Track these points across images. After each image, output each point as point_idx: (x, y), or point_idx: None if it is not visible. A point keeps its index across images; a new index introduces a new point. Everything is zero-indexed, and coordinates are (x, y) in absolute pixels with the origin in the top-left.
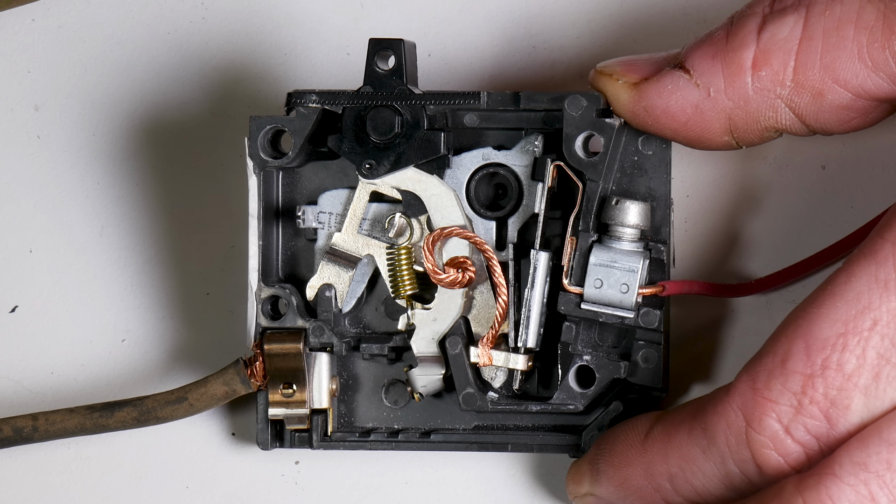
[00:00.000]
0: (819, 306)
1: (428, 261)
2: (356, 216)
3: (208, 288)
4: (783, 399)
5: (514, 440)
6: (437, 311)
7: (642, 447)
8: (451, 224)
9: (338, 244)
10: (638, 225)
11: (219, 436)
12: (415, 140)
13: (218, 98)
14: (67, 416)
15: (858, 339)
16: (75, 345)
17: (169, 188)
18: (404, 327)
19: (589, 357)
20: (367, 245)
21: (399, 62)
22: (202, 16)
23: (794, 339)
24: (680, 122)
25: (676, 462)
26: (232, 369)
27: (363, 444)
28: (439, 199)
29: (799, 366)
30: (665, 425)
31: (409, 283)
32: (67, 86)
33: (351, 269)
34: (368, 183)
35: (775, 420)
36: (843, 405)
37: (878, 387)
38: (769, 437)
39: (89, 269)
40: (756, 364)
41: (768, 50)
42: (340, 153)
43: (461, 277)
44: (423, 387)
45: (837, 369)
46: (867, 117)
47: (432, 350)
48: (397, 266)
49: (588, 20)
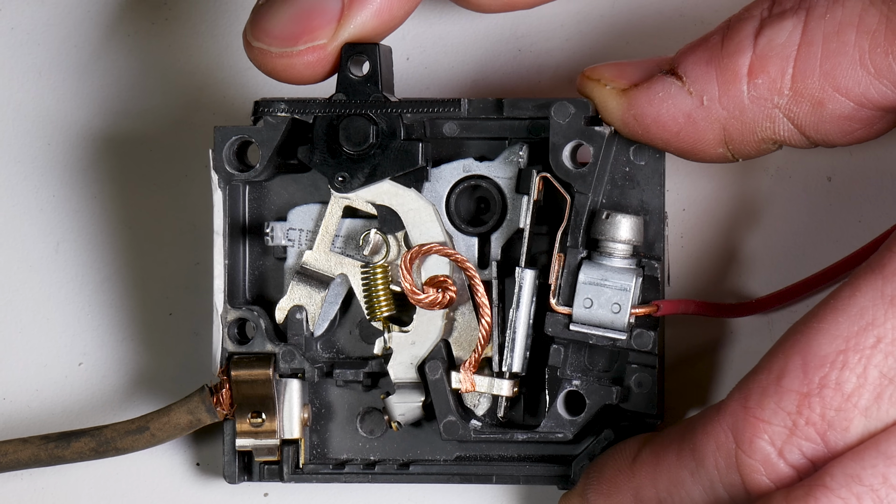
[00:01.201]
0: (820, 321)
1: (406, 280)
2: (328, 233)
3: (171, 308)
4: (777, 419)
5: (498, 471)
6: (415, 333)
7: (630, 472)
8: (430, 241)
9: (309, 263)
10: (630, 240)
11: (182, 467)
12: (391, 151)
13: (181, 105)
14: (21, 446)
15: (860, 357)
16: (28, 368)
17: (129, 201)
18: (381, 351)
19: (578, 382)
20: (341, 264)
21: (374, 68)
22: (165, 17)
23: (791, 355)
24: (671, 132)
25: (665, 487)
26: (197, 397)
27: (337, 476)
28: (417, 214)
29: (795, 384)
30: (653, 447)
31: (386, 303)
32: (20, 92)
33: (323, 290)
34: (341, 197)
35: (767, 442)
36: (841, 427)
37: (880, 408)
38: (760, 460)
39: (44, 288)
40: (749, 381)
41: (765, 56)
42: (311, 165)
43: (441, 298)
44: (402, 415)
45: (836, 388)
46: (871, 128)
47: (411, 376)
48: (373, 286)
49: (577, 21)
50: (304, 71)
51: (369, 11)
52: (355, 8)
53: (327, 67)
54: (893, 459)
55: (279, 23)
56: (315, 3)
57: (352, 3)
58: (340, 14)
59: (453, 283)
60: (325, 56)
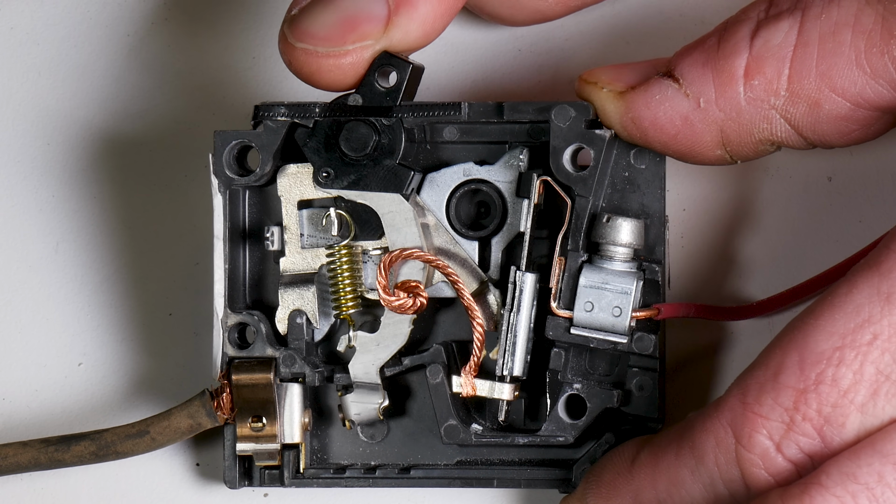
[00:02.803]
0: (816, 318)
1: (380, 279)
2: (293, 232)
3: (171, 308)
4: (774, 415)
5: (499, 475)
6: (381, 336)
7: (629, 474)
8: (406, 243)
9: (287, 269)
10: (630, 244)
11: (182, 471)
12: (382, 168)
13: (181, 105)
14: (20, 449)
15: (856, 354)
16: (28, 369)
17: (128, 201)
18: (343, 349)
19: (579, 385)
20: (316, 256)
21: (400, 83)
22: (164, 17)
23: (788, 351)
24: (669, 134)
25: (665, 487)
26: (197, 401)
27: (338, 480)
28: (394, 217)
29: (791, 380)
30: (652, 449)
31: (352, 293)
32: (20, 92)
33: (311, 286)
34: (286, 195)
35: (766, 437)
36: (837, 422)
37: (876, 404)
38: (759, 454)
39: (43, 288)
40: (747, 377)
41: (761, 57)
42: (303, 148)
43: (411, 303)
44: (357, 414)
45: (832, 384)
46: (869, 129)
47: (371, 377)
48: (339, 271)
49: (577, 22)
50: (349, 71)
51: (415, 20)
52: (402, 14)
53: (362, 73)
54: (889, 458)
55: (325, 24)
56: (362, 6)
57: (398, 8)
58: (388, 18)
59: (423, 290)
60: (367, 59)
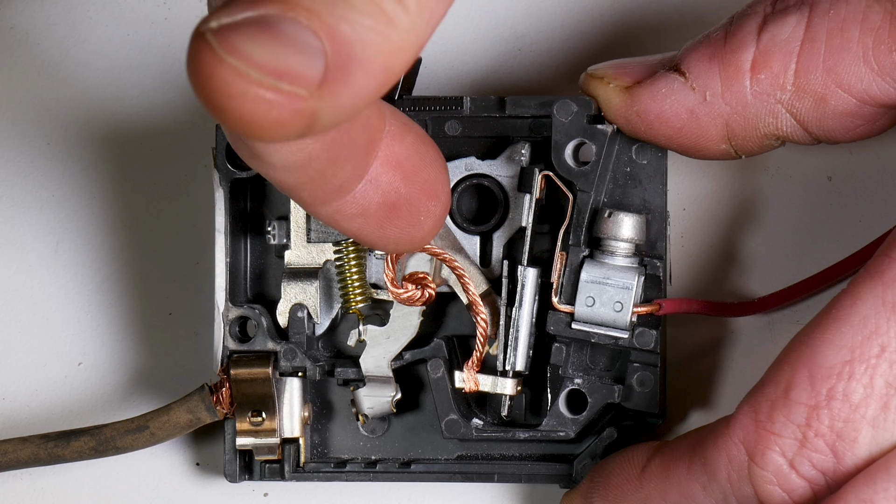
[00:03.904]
0: (823, 332)
1: (388, 272)
2: (300, 226)
3: (171, 308)
4: (787, 432)
5: (500, 470)
6: (391, 329)
7: (639, 482)
8: None
9: (292, 262)
10: (632, 239)
11: (182, 466)
12: None
13: (181, 104)
14: (20, 445)
15: (866, 367)
16: (28, 368)
17: (129, 201)
18: (354, 343)
19: (580, 381)
20: (321, 251)
21: None
22: (164, 16)
23: (798, 367)
24: (674, 128)
25: (675, 499)
26: (196, 396)
27: (338, 475)
28: None
29: (803, 396)
30: (663, 458)
31: (361, 288)
32: (20, 91)
33: (315, 281)
34: None
35: (779, 454)
36: (850, 438)
37: (888, 418)
38: (773, 472)
39: (43, 288)
40: (758, 394)
41: (768, 51)
42: None
43: (419, 295)
44: (370, 408)
45: (844, 399)
46: (874, 125)
47: (383, 370)
48: (346, 266)
49: (577, 20)
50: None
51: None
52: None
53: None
54: None
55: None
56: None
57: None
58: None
59: (433, 282)
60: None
